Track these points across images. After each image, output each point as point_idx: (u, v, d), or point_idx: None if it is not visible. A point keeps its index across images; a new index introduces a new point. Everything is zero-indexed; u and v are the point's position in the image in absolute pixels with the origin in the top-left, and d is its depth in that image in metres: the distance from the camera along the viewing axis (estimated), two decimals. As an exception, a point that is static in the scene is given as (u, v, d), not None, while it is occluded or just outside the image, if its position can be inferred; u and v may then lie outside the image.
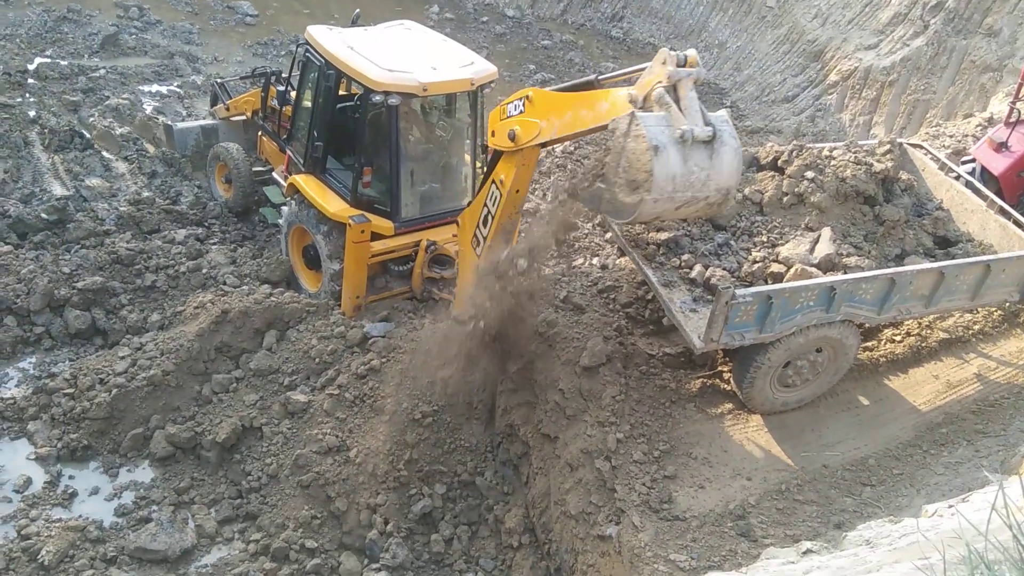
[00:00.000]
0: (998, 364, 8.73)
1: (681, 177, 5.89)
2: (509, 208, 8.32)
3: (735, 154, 6.10)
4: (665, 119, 6.06)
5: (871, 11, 20.19)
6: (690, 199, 5.99)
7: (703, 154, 6.00)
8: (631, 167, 5.96)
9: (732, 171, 6.13)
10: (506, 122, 7.82)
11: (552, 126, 7.37)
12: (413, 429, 8.49)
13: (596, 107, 6.99)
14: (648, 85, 6.43)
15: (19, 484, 8.10)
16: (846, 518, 6.88)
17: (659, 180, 5.85)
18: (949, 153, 13.79)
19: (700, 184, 5.95)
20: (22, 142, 12.91)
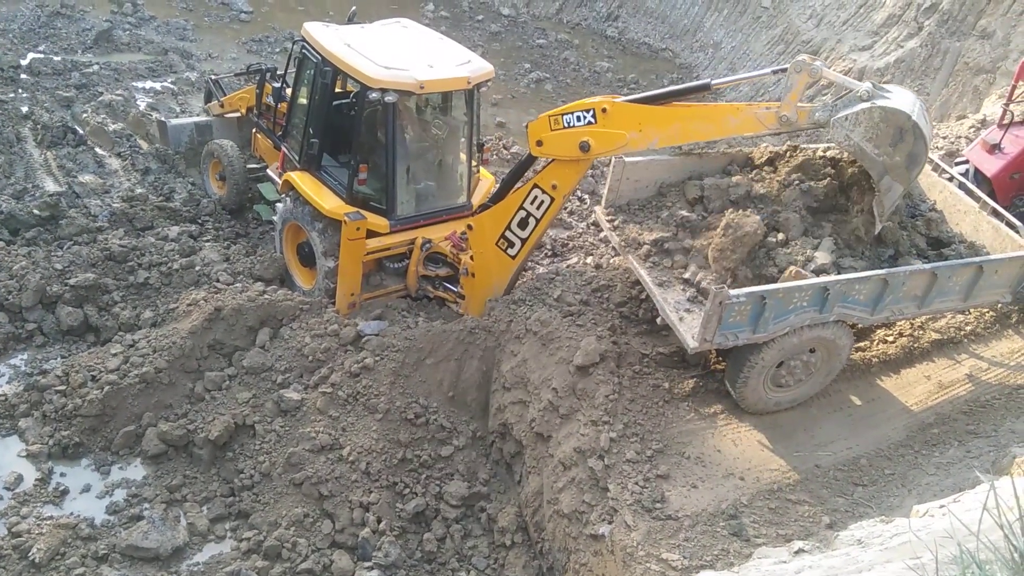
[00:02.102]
0: (990, 365, 8.77)
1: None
2: (557, 211, 8.63)
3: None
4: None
5: (865, 12, 20.26)
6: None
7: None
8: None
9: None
10: (569, 133, 7.95)
11: (647, 137, 7.69)
12: (406, 428, 8.48)
13: (721, 122, 7.48)
14: (795, 99, 7.04)
15: (10, 481, 8.06)
16: (838, 518, 6.90)
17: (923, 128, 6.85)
18: (942, 154, 13.85)
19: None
20: (14, 138, 12.84)
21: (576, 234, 12.90)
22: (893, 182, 7.01)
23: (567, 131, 8.04)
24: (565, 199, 8.69)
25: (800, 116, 7.10)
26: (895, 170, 6.98)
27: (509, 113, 18.61)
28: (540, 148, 8.33)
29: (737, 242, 7.74)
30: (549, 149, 8.25)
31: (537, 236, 8.97)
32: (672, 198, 8.95)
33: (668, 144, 7.70)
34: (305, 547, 7.69)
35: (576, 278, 9.52)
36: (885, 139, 6.83)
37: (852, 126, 6.94)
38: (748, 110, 7.34)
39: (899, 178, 7.03)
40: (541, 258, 12.19)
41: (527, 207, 8.70)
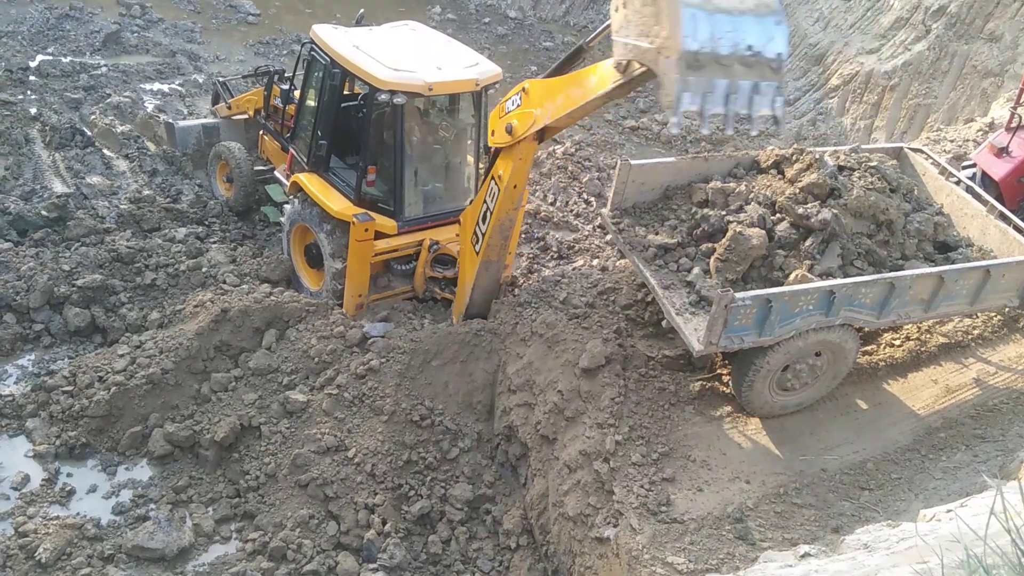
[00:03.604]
0: (997, 369, 8.74)
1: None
2: (507, 204, 8.39)
3: None
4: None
5: (873, 15, 20.21)
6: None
7: None
8: None
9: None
10: (505, 118, 7.89)
11: (546, 112, 7.52)
12: (412, 430, 8.49)
13: (585, 83, 7.15)
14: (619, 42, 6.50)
15: (17, 481, 8.09)
16: (844, 522, 6.88)
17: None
18: (950, 158, 13.82)
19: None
20: (23, 139, 12.90)
21: (582, 236, 12.90)
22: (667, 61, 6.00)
23: (504, 117, 8.03)
24: (512, 191, 8.45)
25: (616, 51, 6.64)
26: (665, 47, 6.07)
27: (515, 116, 18.59)
28: (493, 137, 8.32)
29: (741, 255, 7.72)
30: (495, 138, 8.24)
31: (492, 230, 8.76)
32: (678, 201, 8.94)
33: (558, 115, 7.44)
34: (310, 548, 7.70)
35: (582, 280, 9.52)
36: (651, 21, 6.10)
37: (627, 31, 6.44)
38: (602, 66, 7.06)
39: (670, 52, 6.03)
40: (547, 260, 12.19)
41: (487, 200, 8.67)
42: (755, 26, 5.76)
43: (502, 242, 8.93)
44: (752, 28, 5.76)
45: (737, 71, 5.82)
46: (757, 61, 5.81)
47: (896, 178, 8.58)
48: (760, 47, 5.79)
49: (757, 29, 5.77)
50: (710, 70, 5.73)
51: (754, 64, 5.83)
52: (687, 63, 5.66)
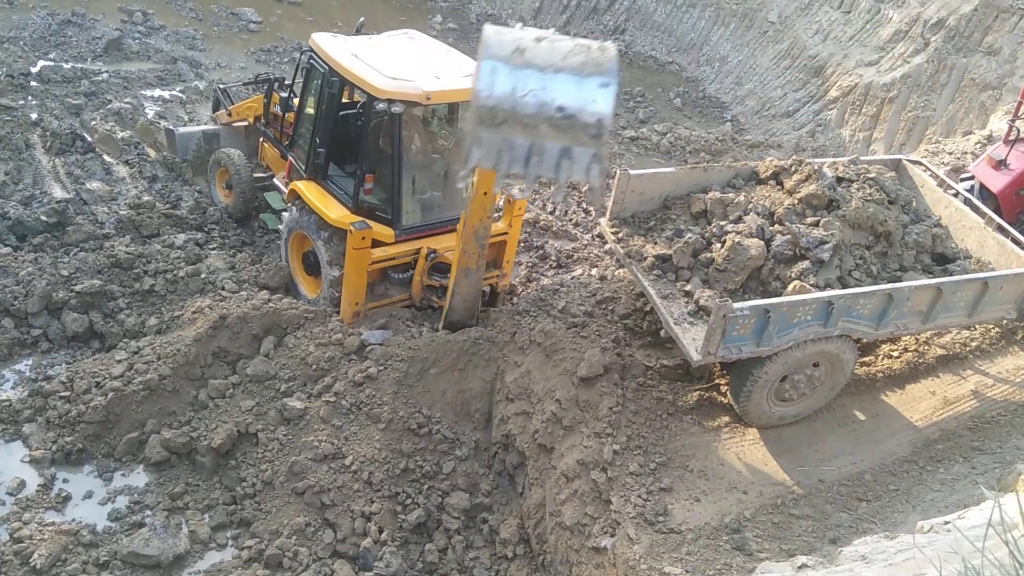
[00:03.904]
0: (995, 381, 8.75)
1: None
2: (479, 211, 8.37)
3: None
4: None
5: (872, 28, 20.31)
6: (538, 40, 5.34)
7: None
8: None
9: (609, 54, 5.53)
10: None
11: None
12: (409, 438, 8.47)
13: None
14: None
15: (13, 487, 8.06)
16: (842, 533, 6.87)
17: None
18: (948, 170, 13.85)
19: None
20: (23, 144, 12.91)
21: (581, 246, 12.92)
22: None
23: None
24: (484, 197, 8.27)
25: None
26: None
27: (515, 125, 18.63)
28: None
29: (740, 265, 7.75)
30: None
31: (467, 237, 8.64)
32: (677, 211, 8.96)
33: None
34: (306, 556, 7.68)
35: (580, 290, 9.53)
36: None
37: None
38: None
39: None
40: (546, 269, 12.20)
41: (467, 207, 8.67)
42: (572, 86, 5.17)
43: (479, 250, 8.90)
44: (568, 88, 5.17)
45: (544, 132, 5.28)
46: (571, 124, 5.23)
47: (895, 190, 8.61)
48: (575, 110, 5.19)
49: (574, 90, 5.17)
50: (508, 128, 5.25)
51: (567, 127, 5.25)
52: (480, 118, 5.25)
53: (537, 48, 4.99)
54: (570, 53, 5.00)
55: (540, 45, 5.01)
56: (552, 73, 5.00)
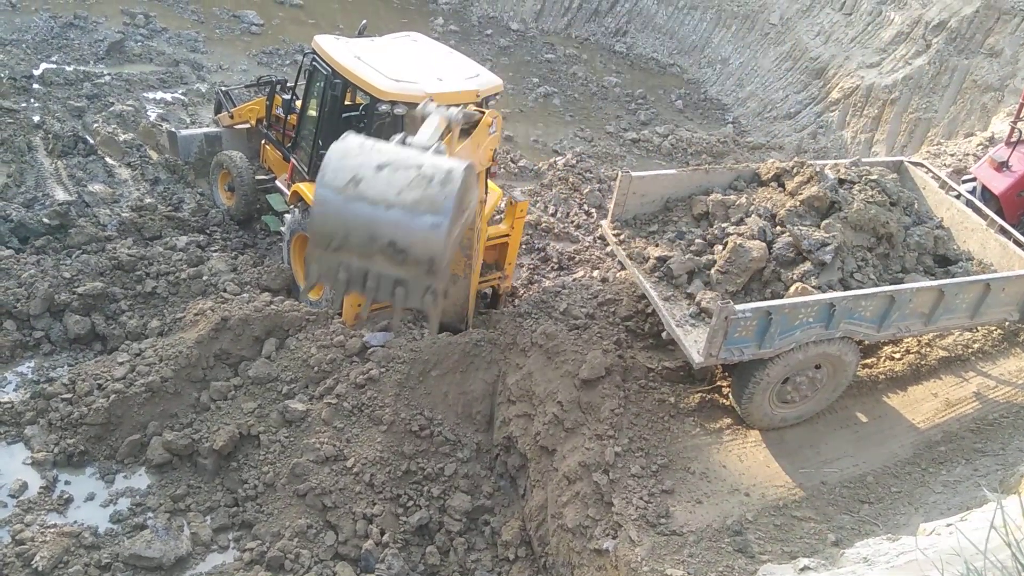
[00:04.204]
0: (997, 383, 8.73)
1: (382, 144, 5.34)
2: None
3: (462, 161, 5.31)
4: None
5: (873, 30, 20.31)
6: (395, 158, 5.13)
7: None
8: None
9: (456, 163, 5.18)
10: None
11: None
12: (411, 440, 8.47)
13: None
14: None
15: (15, 488, 8.07)
16: (844, 535, 6.86)
17: (350, 136, 5.41)
18: (950, 172, 13.85)
19: (408, 154, 5.21)
20: (26, 147, 12.93)
21: (582, 248, 12.92)
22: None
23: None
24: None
25: None
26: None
27: (517, 127, 18.67)
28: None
29: (741, 267, 7.74)
30: None
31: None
32: (678, 213, 8.96)
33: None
34: (308, 558, 7.67)
35: (582, 292, 9.53)
36: None
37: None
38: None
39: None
40: (548, 271, 12.20)
41: None
42: (403, 224, 4.89)
43: (464, 259, 8.94)
44: (398, 225, 4.90)
45: (379, 262, 5.12)
46: (404, 259, 5.06)
47: (896, 192, 8.60)
48: (406, 246, 4.97)
49: (405, 228, 4.90)
50: (344, 253, 5.14)
51: (400, 261, 5.08)
52: (315, 241, 5.19)
53: (374, 179, 4.81)
54: (406, 188, 4.79)
55: (379, 175, 4.82)
56: (384, 209, 4.81)
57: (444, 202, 4.80)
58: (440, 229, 4.84)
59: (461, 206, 5.03)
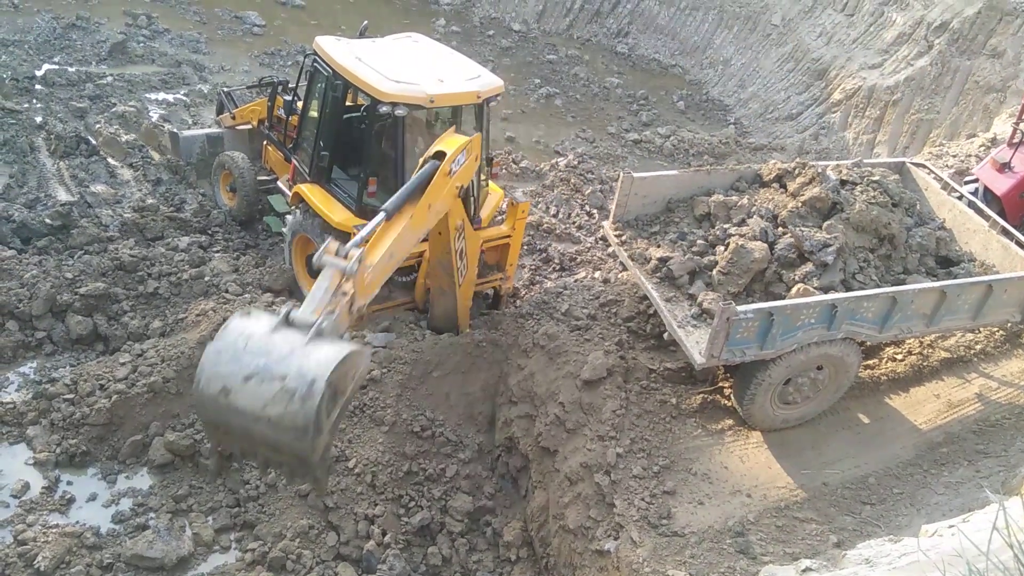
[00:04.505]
0: (1000, 384, 8.73)
1: (257, 339, 5.08)
2: (434, 249, 8.65)
3: (338, 351, 5.07)
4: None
5: (876, 31, 20.30)
6: (261, 368, 4.94)
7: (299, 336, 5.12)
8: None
9: (324, 360, 4.96)
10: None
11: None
12: (412, 441, 8.47)
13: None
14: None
15: (17, 489, 8.07)
16: (846, 536, 6.86)
17: (230, 328, 5.17)
18: (952, 173, 13.83)
19: (279, 356, 4.98)
20: (28, 147, 12.95)
21: (584, 249, 12.92)
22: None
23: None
24: (439, 237, 8.58)
25: None
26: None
27: (519, 128, 18.67)
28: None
29: (743, 268, 7.75)
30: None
31: (431, 267, 9.24)
32: (680, 214, 8.96)
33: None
34: (310, 559, 7.68)
35: (584, 292, 9.53)
36: None
37: None
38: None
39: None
40: (549, 272, 12.21)
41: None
42: (271, 434, 4.93)
43: (447, 278, 8.99)
44: (267, 433, 4.95)
45: (262, 450, 5.23)
46: (281, 453, 5.13)
47: (898, 193, 8.60)
48: (279, 446, 5.02)
49: (273, 436, 4.93)
50: (231, 439, 5.30)
51: (279, 454, 5.15)
52: (205, 428, 5.47)
53: (242, 391, 4.87)
54: (270, 402, 4.81)
55: (247, 387, 4.86)
56: (253, 420, 4.90)
57: (304, 419, 4.80)
58: (305, 438, 4.85)
59: (335, 397, 5.03)
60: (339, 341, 5.16)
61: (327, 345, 4.98)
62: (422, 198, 7.15)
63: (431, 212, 7.46)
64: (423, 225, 7.45)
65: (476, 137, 8.11)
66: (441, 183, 7.39)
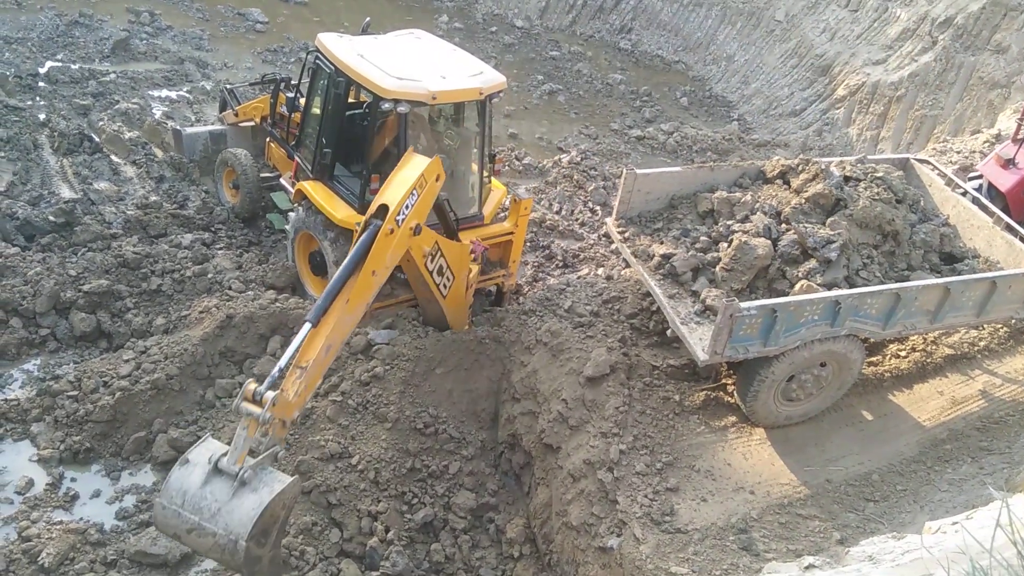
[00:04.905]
0: (1003, 381, 8.71)
1: (192, 496, 5.77)
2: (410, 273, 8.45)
3: (255, 507, 5.69)
4: (216, 446, 6.04)
5: (879, 26, 20.24)
6: (197, 525, 5.73)
7: (225, 487, 5.76)
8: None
9: (244, 520, 5.64)
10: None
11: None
12: (415, 437, 8.48)
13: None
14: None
15: (21, 486, 8.10)
16: (849, 533, 6.85)
17: (171, 484, 5.84)
18: (956, 169, 13.81)
19: (209, 514, 5.71)
20: (31, 145, 12.97)
21: (587, 245, 12.92)
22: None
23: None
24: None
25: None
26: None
27: (522, 124, 18.66)
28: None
29: (747, 265, 7.74)
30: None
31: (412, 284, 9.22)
32: (683, 210, 8.95)
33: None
34: (313, 555, 7.69)
35: (587, 289, 9.52)
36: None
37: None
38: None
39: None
40: (552, 269, 12.20)
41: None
42: (216, 556, 5.83)
43: (427, 293, 8.97)
44: (211, 554, 5.85)
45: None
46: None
47: (902, 189, 8.58)
48: (219, 560, 5.92)
49: (218, 556, 5.83)
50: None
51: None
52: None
53: (189, 539, 5.80)
54: (210, 550, 5.75)
55: (191, 537, 5.78)
56: (205, 552, 5.89)
57: (238, 564, 5.70)
58: (246, 569, 5.74)
59: (267, 532, 5.81)
60: (261, 488, 5.77)
61: (249, 498, 5.71)
62: (363, 266, 6.83)
63: (377, 277, 7.09)
64: (368, 295, 7.03)
65: (435, 160, 7.68)
66: (384, 245, 7.04)
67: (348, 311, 6.74)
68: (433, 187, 7.76)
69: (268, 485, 5.81)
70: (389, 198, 7.27)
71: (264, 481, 5.84)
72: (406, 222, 7.32)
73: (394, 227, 7.12)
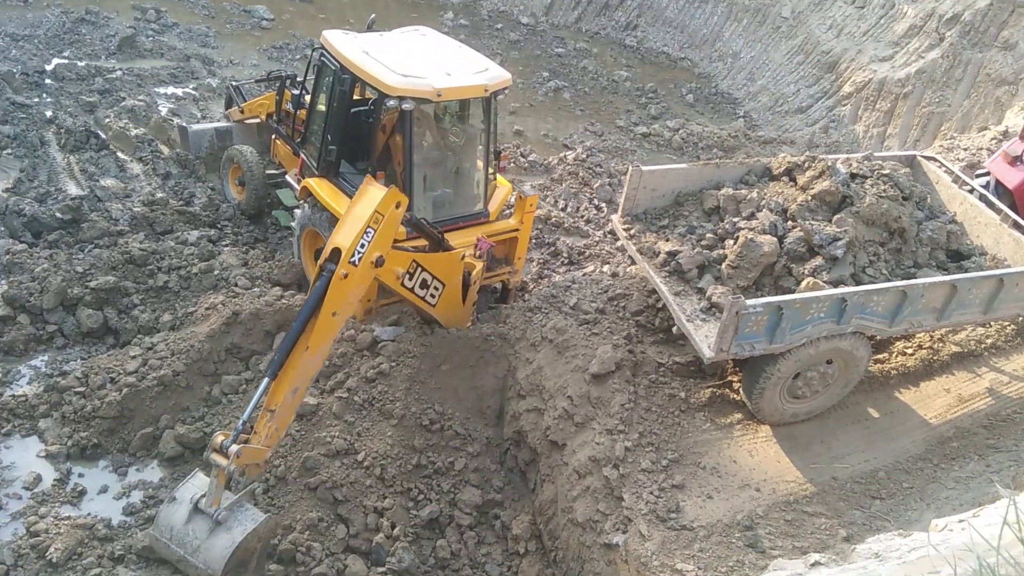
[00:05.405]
0: (1011, 379, 8.68)
1: (177, 532, 6.63)
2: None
3: (228, 546, 6.53)
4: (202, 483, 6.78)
5: (886, 23, 20.17)
6: (183, 558, 6.63)
7: (204, 526, 6.59)
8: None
9: (218, 557, 6.51)
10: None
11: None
12: (421, 434, 8.49)
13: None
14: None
15: (29, 481, 8.14)
16: (855, 531, 6.85)
17: (160, 519, 6.75)
18: (963, 166, 13.75)
19: (192, 549, 6.57)
20: (38, 142, 13.02)
21: (593, 242, 12.91)
22: None
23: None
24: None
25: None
26: None
27: (527, 121, 18.65)
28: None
29: (752, 262, 7.73)
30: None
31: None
32: (689, 207, 8.94)
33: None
34: (319, 551, 7.71)
35: (592, 286, 9.51)
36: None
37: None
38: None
39: None
40: (558, 266, 12.20)
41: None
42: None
43: (417, 301, 8.97)
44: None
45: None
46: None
47: (909, 186, 8.55)
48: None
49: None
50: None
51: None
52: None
53: (179, 565, 6.70)
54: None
55: (180, 565, 6.70)
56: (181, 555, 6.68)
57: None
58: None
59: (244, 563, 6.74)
60: (235, 527, 6.60)
61: (223, 537, 6.53)
62: (322, 309, 6.88)
63: (339, 317, 7.10)
64: (331, 336, 7.16)
65: (391, 191, 7.41)
66: (341, 289, 6.99)
67: (311, 354, 6.92)
68: (393, 216, 7.43)
69: (242, 524, 6.62)
70: (341, 241, 7.13)
71: (239, 520, 6.66)
72: (364, 259, 7.15)
73: (349, 271, 7.01)
